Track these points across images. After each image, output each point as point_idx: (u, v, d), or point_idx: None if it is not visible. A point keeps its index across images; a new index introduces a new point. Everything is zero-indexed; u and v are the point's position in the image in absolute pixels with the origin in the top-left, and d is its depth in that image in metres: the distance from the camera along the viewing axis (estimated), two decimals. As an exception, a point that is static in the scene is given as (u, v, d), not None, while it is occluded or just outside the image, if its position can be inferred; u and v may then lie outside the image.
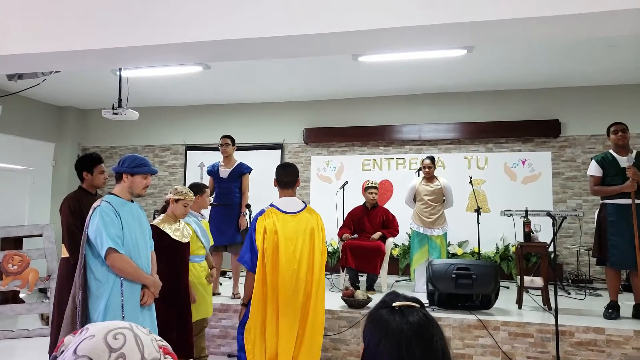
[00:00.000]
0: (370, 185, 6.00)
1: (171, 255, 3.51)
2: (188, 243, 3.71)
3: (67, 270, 3.67)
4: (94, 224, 2.80)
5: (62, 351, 0.93)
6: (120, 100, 5.74)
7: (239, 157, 5.85)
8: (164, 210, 3.75)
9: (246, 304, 3.17)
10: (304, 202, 3.38)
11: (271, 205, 3.20)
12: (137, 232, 2.93)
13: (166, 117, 8.78)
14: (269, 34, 3.16)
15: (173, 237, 3.55)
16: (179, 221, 3.71)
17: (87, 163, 3.91)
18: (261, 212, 3.16)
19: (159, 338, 1.02)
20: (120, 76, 5.87)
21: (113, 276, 2.79)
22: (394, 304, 1.20)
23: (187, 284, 3.67)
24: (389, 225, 5.95)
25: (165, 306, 3.37)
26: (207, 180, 5.75)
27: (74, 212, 3.70)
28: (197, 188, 4.18)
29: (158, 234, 3.43)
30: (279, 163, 8.05)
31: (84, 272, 2.80)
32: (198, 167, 8.47)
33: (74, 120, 8.96)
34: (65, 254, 3.78)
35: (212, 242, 4.27)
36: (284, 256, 3.08)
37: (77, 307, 2.78)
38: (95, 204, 2.88)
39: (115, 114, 5.61)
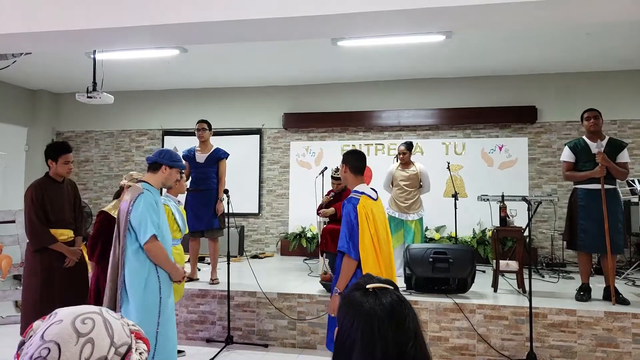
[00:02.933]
0: (332, 176, 5.91)
1: None
2: None
3: (31, 255, 3.91)
4: (138, 209, 2.89)
5: (31, 336, 0.91)
6: (94, 83, 5.61)
7: (217, 142, 5.79)
8: (117, 195, 3.72)
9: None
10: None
11: (362, 192, 3.07)
12: (165, 220, 3.10)
13: (143, 101, 8.62)
14: (247, 17, 3.11)
15: None
16: None
17: (53, 151, 3.93)
18: (356, 200, 3.01)
19: (132, 323, 1.00)
20: (94, 59, 5.73)
21: (148, 259, 2.93)
22: (367, 286, 1.21)
23: None
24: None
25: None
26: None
27: (35, 201, 3.83)
28: None
29: (108, 220, 3.49)
30: (258, 148, 8.09)
31: (123, 255, 2.93)
32: None
33: (47, 104, 8.74)
34: None
35: (187, 231, 4.24)
36: (384, 243, 3.07)
37: (119, 290, 2.92)
38: (137, 191, 2.98)
39: (90, 97, 5.49)
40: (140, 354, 0.94)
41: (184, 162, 3.19)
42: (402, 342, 1.13)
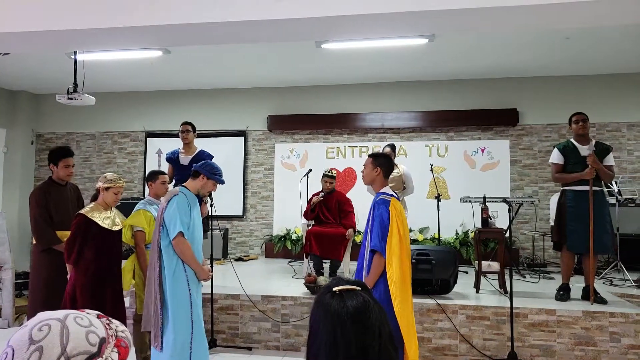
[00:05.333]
0: (325, 174, 5.93)
1: (100, 243, 3.55)
2: (119, 231, 3.73)
3: (37, 255, 4.05)
4: (170, 209, 3.20)
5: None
6: (75, 84, 5.54)
7: (201, 144, 5.76)
8: (94, 198, 3.72)
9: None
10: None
11: (391, 195, 3.25)
12: (197, 222, 3.36)
13: (125, 103, 8.54)
14: (232, 19, 3.12)
15: (102, 225, 3.57)
16: (110, 209, 3.71)
17: (54, 156, 4.12)
18: (388, 202, 3.19)
19: (121, 329, 0.95)
20: (75, 60, 5.66)
21: (177, 255, 3.21)
22: (334, 289, 1.24)
23: (118, 272, 3.71)
24: (343, 208, 5.93)
25: (94, 295, 3.43)
26: (165, 167, 5.63)
27: (39, 204, 4.02)
28: (149, 175, 4.26)
29: (86, 223, 3.50)
30: (242, 150, 8.07)
31: (159, 251, 3.21)
32: (156, 154, 8.31)
33: (27, 105, 8.61)
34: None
35: None
36: (406, 242, 3.24)
37: (158, 285, 3.18)
38: (173, 193, 3.30)
39: (71, 99, 5.42)
40: None
41: (223, 178, 3.49)
42: (365, 343, 1.16)
